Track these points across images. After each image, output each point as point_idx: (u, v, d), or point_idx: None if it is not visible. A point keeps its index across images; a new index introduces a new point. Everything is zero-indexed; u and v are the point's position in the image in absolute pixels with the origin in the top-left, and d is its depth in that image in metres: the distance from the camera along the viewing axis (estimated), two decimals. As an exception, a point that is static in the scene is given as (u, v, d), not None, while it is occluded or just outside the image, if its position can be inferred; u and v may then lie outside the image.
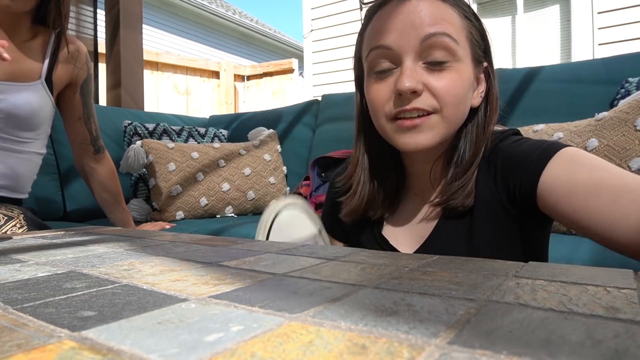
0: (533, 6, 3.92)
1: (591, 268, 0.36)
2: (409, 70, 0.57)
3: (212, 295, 0.29)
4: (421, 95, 0.57)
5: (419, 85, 0.56)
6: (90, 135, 1.27)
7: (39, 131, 1.15)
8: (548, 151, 0.54)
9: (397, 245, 0.68)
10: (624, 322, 0.22)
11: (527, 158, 0.56)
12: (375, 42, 0.60)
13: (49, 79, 1.14)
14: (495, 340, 0.20)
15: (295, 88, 4.77)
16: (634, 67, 1.39)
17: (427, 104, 0.57)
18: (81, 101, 1.24)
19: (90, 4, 2.37)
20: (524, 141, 0.60)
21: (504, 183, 0.59)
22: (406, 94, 0.56)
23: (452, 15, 0.59)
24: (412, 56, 0.57)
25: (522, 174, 0.56)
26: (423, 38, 0.56)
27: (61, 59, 1.17)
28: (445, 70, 0.57)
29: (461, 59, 0.58)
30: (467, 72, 0.60)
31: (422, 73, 0.57)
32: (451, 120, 0.59)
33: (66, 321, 0.24)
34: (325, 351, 0.19)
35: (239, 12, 9.49)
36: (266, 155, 1.95)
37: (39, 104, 1.11)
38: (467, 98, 0.60)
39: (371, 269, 0.36)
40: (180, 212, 1.72)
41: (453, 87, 0.57)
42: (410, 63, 0.57)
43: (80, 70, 1.22)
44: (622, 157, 1.04)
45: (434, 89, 0.57)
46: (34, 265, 0.41)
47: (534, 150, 0.56)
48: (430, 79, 0.57)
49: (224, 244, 0.54)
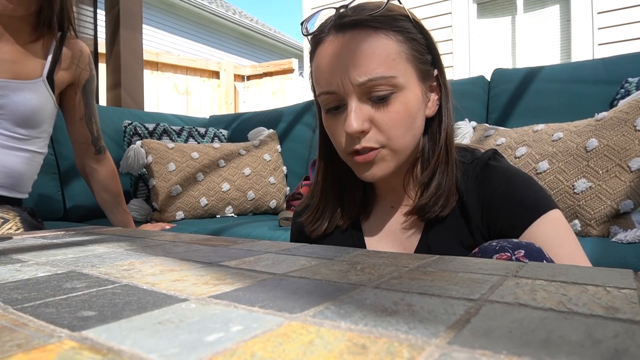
0: (533, 6, 3.92)
1: (591, 268, 0.36)
2: (353, 113, 0.58)
3: (212, 295, 0.29)
4: (369, 132, 0.59)
5: (365, 124, 0.59)
6: (92, 135, 1.28)
7: (41, 129, 1.16)
8: (537, 208, 0.59)
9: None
10: (624, 322, 0.22)
11: (518, 206, 0.60)
12: (321, 88, 0.62)
13: (50, 78, 1.15)
14: (495, 340, 0.20)
15: (295, 88, 4.77)
16: (634, 67, 1.39)
17: (375, 141, 0.60)
18: (83, 101, 1.25)
19: (90, 4, 2.37)
20: (514, 179, 0.62)
21: (488, 215, 0.62)
22: (354, 135, 0.59)
23: (386, 47, 0.58)
24: (355, 97, 0.59)
25: (510, 219, 0.60)
26: (359, 84, 0.58)
27: (64, 59, 1.18)
28: (390, 103, 0.59)
29: (404, 86, 0.59)
30: (414, 95, 0.60)
31: (369, 109, 0.59)
32: (401, 150, 0.61)
33: (66, 321, 0.24)
34: (325, 351, 0.19)
35: (239, 12, 9.49)
36: (266, 155, 1.95)
37: (39, 102, 1.12)
38: (416, 121, 0.62)
39: (371, 269, 0.36)
40: (180, 212, 1.72)
41: (398, 120, 0.59)
42: (355, 103, 0.59)
43: (83, 71, 1.23)
44: (622, 157, 1.05)
45: (379, 124, 0.59)
46: (34, 265, 0.42)
47: (524, 199, 0.60)
48: (377, 115, 0.59)
49: (224, 244, 0.54)
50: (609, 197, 1.03)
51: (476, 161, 0.65)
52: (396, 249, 0.68)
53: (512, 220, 0.60)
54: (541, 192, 0.61)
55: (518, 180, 0.62)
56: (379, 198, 0.72)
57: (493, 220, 0.62)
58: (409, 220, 0.67)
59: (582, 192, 1.06)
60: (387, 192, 0.71)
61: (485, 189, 0.62)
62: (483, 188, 0.63)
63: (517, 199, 0.60)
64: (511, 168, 0.64)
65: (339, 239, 0.71)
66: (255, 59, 8.93)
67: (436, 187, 0.63)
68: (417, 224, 0.67)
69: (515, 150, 1.22)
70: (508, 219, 0.60)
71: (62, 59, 1.18)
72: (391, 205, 0.70)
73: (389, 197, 0.70)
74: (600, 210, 1.04)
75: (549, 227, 0.58)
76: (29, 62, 1.11)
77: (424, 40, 0.62)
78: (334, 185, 0.71)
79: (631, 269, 0.35)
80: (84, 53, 1.23)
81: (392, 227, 0.69)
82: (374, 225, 0.71)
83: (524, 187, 0.61)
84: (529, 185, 0.62)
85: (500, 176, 0.62)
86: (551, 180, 1.11)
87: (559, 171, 1.10)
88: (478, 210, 0.63)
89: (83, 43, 1.25)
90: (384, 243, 0.69)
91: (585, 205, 1.06)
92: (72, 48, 1.20)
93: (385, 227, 0.70)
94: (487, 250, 0.53)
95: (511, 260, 0.48)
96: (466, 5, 4.03)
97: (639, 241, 0.92)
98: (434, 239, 0.65)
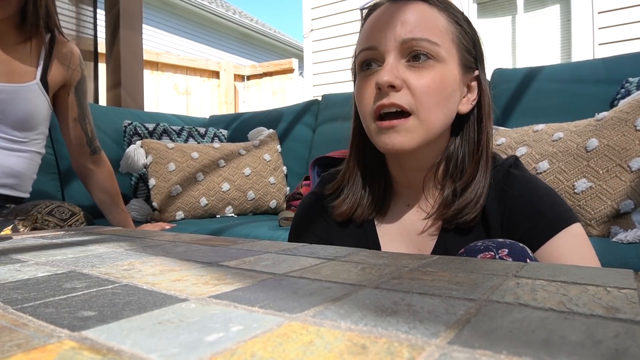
0: (533, 6, 3.92)
1: (591, 268, 0.36)
2: (389, 66, 0.58)
3: (212, 295, 0.29)
4: (400, 91, 0.58)
5: (397, 80, 0.58)
6: (87, 136, 1.29)
7: (37, 131, 1.17)
8: (558, 222, 0.58)
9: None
10: (624, 322, 0.22)
11: (539, 219, 0.59)
12: (363, 43, 0.62)
13: (44, 80, 1.17)
14: (495, 340, 0.20)
15: (295, 88, 4.77)
16: (634, 67, 1.39)
17: (404, 101, 0.58)
18: (76, 102, 1.27)
19: (90, 4, 2.37)
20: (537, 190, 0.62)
21: (508, 225, 0.61)
22: (384, 87, 0.58)
23: (436, 19, 0.60)
24: (395, 54, 0.59)
25: (530, 230, 0.59)
26: (402, 41, 0.59)
27: (55, 61, 1.20)
28: (427, 68, 0.58)
29: (444, 60, 0.59)
30: (451, 74, 0.60)
31: (404, 70, 0.59)
32: (429, 124, 0.59)
33: (66, 321, 0.24)
34: (325, 351, 0.19)
35: (239, 12, 9.48)
36: (266, 155, 1.95)
37: (35, 105, 1.14)
38: (449, 101, 0.60)
39: (371, 269, 0.36)
40: (180, 212, 1.72)
41: (432, 87, 0.58)
42: (393, 60, 0.59)
43: (75, 72, 1.25)
44: (622, 157, 1.04)
45: (412, 87, 0.58)
46: (34, 265, 0.41)
47: (545, 211, 0.59)
48: (411, 77, 0.58)
49: (224, 244, 0.54)
50: (610, 197, 1.03)
51: (498, 167, 0.64)
52: (410, 249, 0.67)
53: (532, 232, 0.59)
54: (563, 205, 0.61)
55: (540, 192, 0.61)
56: (396, 195, 0.70)
57: (513, 230, 0.61)
58: (429, 223, 0.65)
59: (583, 192, 1.06)
60: (405, 189, 0.69)
61: (507, 198, 0.62)
62: (505, 196, 0.62)
63: (538, 210, 0.59)
64: (533, 178, 0.64)
65: (353, 235, 0.70)
66: (255, 59, 8.93)
67: (475, 194, 0.61)
68: (434, 227, 0.65)
69: (516, 150, 1.22)
70: (528, 230, 0.59)
71: (53, 61, 1.19)
72: (407, 204, 0.69)
73: (407, 195, 0.69)
74: (601, 210, 1.04)
75: (569, 242, 0.57)
76: (20, 65, 1.13)
77: (472, 36, 0.64)
78: (362, 167, 0.70)
79: (631, 269, 0.35)
80: (74, 54, 1.25)
81: (407, 227, 0.68)
82: (389, 224, 0.70)
83: (546, 199, 0.61)
84: (551, 197, 0.61)
85: (522, 187, 0.61)
86: (551, 180, 1.11)
87: (559, 171, 1.10)
88: (498, 219, 0.62)
89: (73, 44, 1.27)
90: (398, 244, 0.68)
91: (585, 205, 1.06)
92: (62, 50, 1.22)
93: (400, 227, 0.69)
94: (472, 250, 0.52)
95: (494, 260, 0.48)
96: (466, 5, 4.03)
97: (639, 241, 0.92)
98: (451, 243, 0.63)
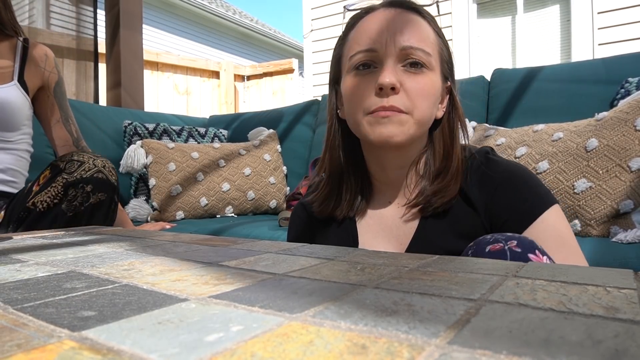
0: (533, 6, 3.92)
1: (591, 268, 0.36)
2: (390, 69, 0.63)
3: (212, 295, 0.29)
4: (398, 94, 0.62)
5: (398, 83, 0.62)
6: (72, 136, 1.30)
7: (22, 131, 1.20)
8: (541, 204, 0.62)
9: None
10: (624, 322, 0.22)
11: (523, 202, 0.63)
12: (363, 45, 0.65)
13: (21, 81, 1.19)
14: (495, 340, 0.20)
15: (295, 88, 4.77)
16: (634, 67, 1.39)
17: (401, 103, 0.62)
18: (57, 104, 1.29)
19: (90, 4, 2.37)
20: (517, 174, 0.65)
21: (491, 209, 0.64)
22: (387, 88, 0.61)
23: (428, 31, 0.66)
24: (393, 59, 0.63)
25: (514, 213, 0.62)
26: (402, 48, 0.63)
27: (30, 63, 1.22)
28: (420, 75, 0.64)
29: (434, 68, 0.65)
30: (437, 82, 0.67)
31: (401, 74, 0.63)
32: (420, 122, 0.64)
33: (66, 321, 0.24)
34: (325, 351, 0.19)
35: (239, 12, 9.48)
36: (266, 155, 1.95)
37: (17, 104, 1.16)
38: (434, 105, 0.66)
39: (371, 269, 0.36)
40: (180, 212, 1.72)
41: (426, 90, 0.64)
42: (392, 64, 0.63)
43: (51, 74, 1.27)
44: (622, 157, 1.04)
45: (408, 89, 0.63)
46: (34, 265, 0.41)
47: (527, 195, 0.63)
48: (407, 80, 0.63)
49: (224, 244, 0.54)
50: (609, 197, 1.03)
51: (475, 154, 0.67)
52: (392, 243, 0.69)
53: (516, 215, 0.62)
54: (542, 187, 0.64)
55: (520, 176, 0.64)
56: (377, 193, 0.73)
57: (495, 215, 0.63)
58: (408, 213, 0.68)
59: (582, 192, 1.06)
60: (385, 186, 0.72)
61: (488, 183, 0.64)
62: (486, 180, 0.65)
63: (521, 194, 0.63)
64: (511, 163, 0.67)
65: (337, 233, 0.73)
66: (255, 59, 8.93)
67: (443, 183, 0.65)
68: (413, 217, 0.68)
69: (515, 150, 1.22)
70: (512, 213, 0.62)
71: (29, 63, 1.22)
72: (388, 200, 0.72)
73: (386, 192, 0.72)
74: (601, 210, 1.04)
75: (552, 222, 0.61)
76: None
77: (448, 49, 0.70)
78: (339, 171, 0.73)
79: (631, 269, 0.35)
80: (49, 57, 1.28)
81: (388, 222, 0.71)
82: (370, 220, 0.72)
83: (528, 182, 0.64)
84: (531, 180, 0.64)
85: (502, 171, 0.65)
86: (551, 180, 1.11)
87: (559, 171, 1.10)
88: (481, 202, 0.64)
89: (46, 47, 1.29)
90: (380, 239, 0.70)
91: (585, 205, 1.06)
92: (37, 52, 1.24)
93: (382, 223, 0.71)
94: (482, 243, 0.55)
95: (503, 250, 0.51)
96: (466, 5, 4.03)
97: (639, 241, 0.92)
98: (431, 227, 0.66)
